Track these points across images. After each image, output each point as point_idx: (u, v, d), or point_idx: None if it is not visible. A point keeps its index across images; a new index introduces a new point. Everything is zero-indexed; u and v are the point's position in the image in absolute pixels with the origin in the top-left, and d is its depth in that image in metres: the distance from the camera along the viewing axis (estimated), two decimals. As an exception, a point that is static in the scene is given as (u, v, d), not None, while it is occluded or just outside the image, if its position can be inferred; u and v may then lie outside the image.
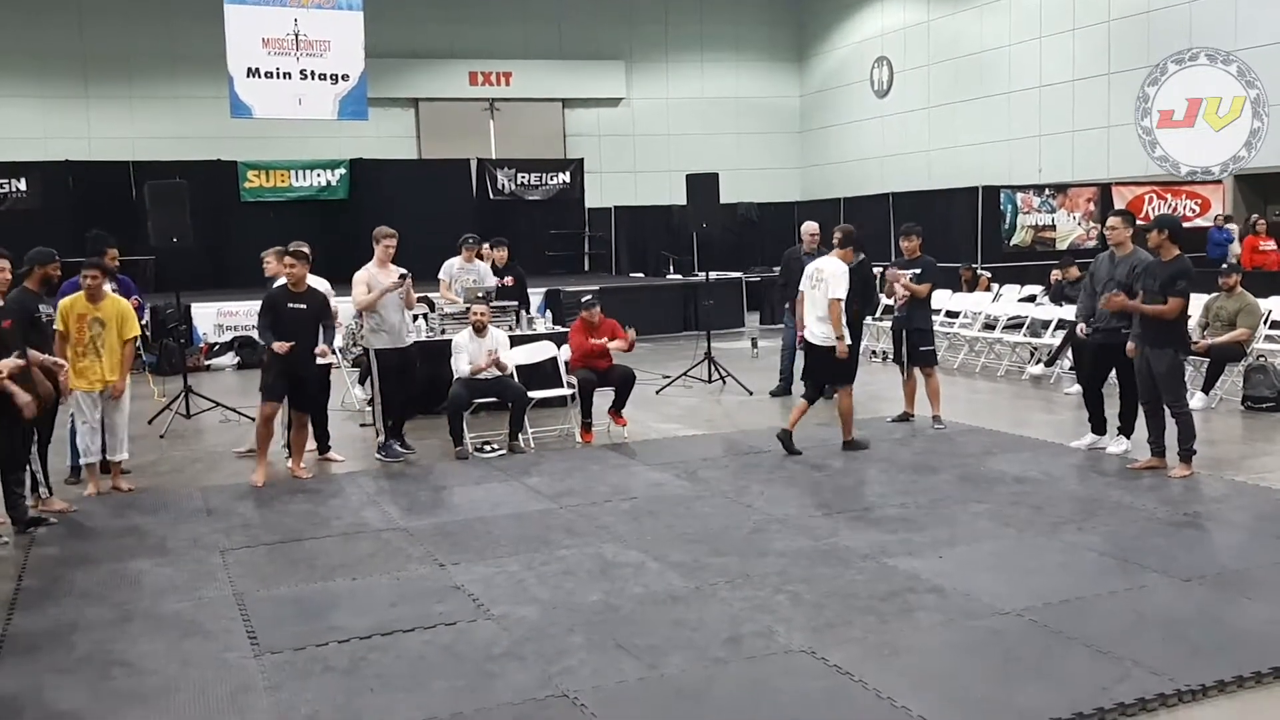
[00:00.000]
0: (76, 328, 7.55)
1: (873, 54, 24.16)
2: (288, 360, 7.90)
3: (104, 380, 7.63)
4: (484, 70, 23.88)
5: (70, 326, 7.54)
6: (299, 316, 8.04)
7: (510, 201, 21.38)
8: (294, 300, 8.09)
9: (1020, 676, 4.42)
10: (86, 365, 7.57)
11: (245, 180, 19.47)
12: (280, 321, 8.01)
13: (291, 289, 8.13)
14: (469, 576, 5.81)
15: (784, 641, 4.82)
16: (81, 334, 7.55)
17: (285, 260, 8.17)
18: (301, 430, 8.34)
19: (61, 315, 7.57)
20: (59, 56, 20.93)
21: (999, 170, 20.30)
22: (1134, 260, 7.87)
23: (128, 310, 7.85)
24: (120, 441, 7.89)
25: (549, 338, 10.36)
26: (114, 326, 7.66)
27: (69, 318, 7.57)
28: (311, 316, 8.10)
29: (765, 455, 8.60)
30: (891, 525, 6.57)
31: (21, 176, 18.13)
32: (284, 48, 17.45)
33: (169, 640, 5.03)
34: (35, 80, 20.83)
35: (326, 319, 8.23)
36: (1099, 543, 6.14)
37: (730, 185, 13.02)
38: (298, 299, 8.11)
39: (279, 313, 8.04)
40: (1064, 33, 19.61)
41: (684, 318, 17.85)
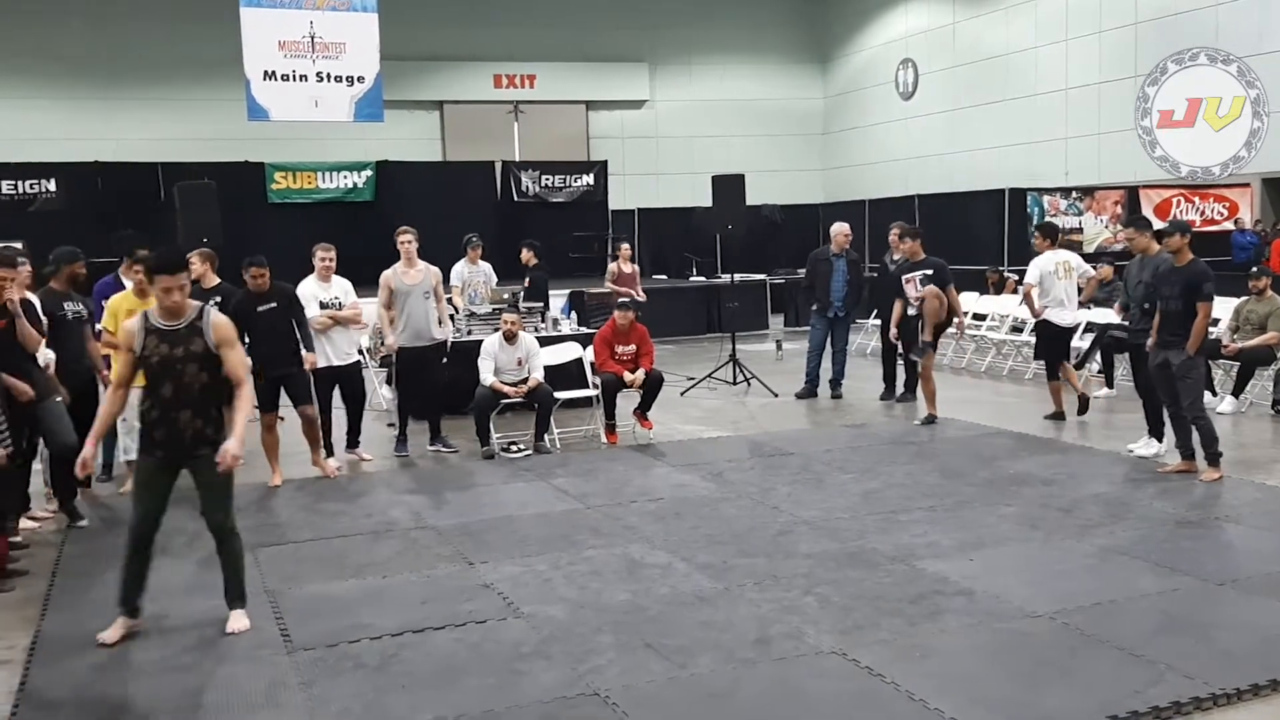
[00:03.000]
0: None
1: (897, 56, 24.09)
2: (268, 365, 7.81)
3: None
4: (508, 73, 23.94)
5: (118, 323, 7.63)
6: (271, 316, 7.94)
7: (534, 204, 21.41)
8: (263, 302, 7.98)
9: (1051, 679, 4.40)
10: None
11: (272, 182, 19.56)
12: (255, 328, 7.84)
13: (255, 293, 7.97)
14: (497, 575, 5.84)
15: (813, 643, 4.82)
16: None
17: (252, 271, 8.01)
18: (310, 426, 8.23)
19: (111, 312, 7.67)
20: (85, 59, 21.10)
21: (1024, 173, 20.20)
22: (1157, 262, 7.86)
23: None
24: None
25: (574, 338, 10.38)
26: None
27: (118, 314, 7.67)
28: (284, 312, 8.01)
29: (791, 457, 8.60)
30: (919, 528, 6.56)
31: (50, 177, 18.27)
32: (300, 50, 17.54)
33: (202, 637, 5.07)
34: (63, 82, 21.00)
35: (300, 314, 8.12)
36: (1128, 546, 6.11)
37: (753, 187, 13.00)
38: (265, 299, 7.98)
39: (251, 318, 7.80)
40: (1090, 35, 19.51)
41: (707, 320, 17.85)
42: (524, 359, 9.11)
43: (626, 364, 9.37)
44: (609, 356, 9.35)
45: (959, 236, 17.17)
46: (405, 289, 8.81)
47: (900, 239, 10.15)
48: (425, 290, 8.86)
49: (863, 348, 14.03)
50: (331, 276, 8.69)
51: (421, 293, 8.83)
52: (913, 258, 9.93)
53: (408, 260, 8.88)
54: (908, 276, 9.88)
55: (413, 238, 8.97)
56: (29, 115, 20.46)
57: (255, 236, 17.93)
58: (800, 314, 17.20)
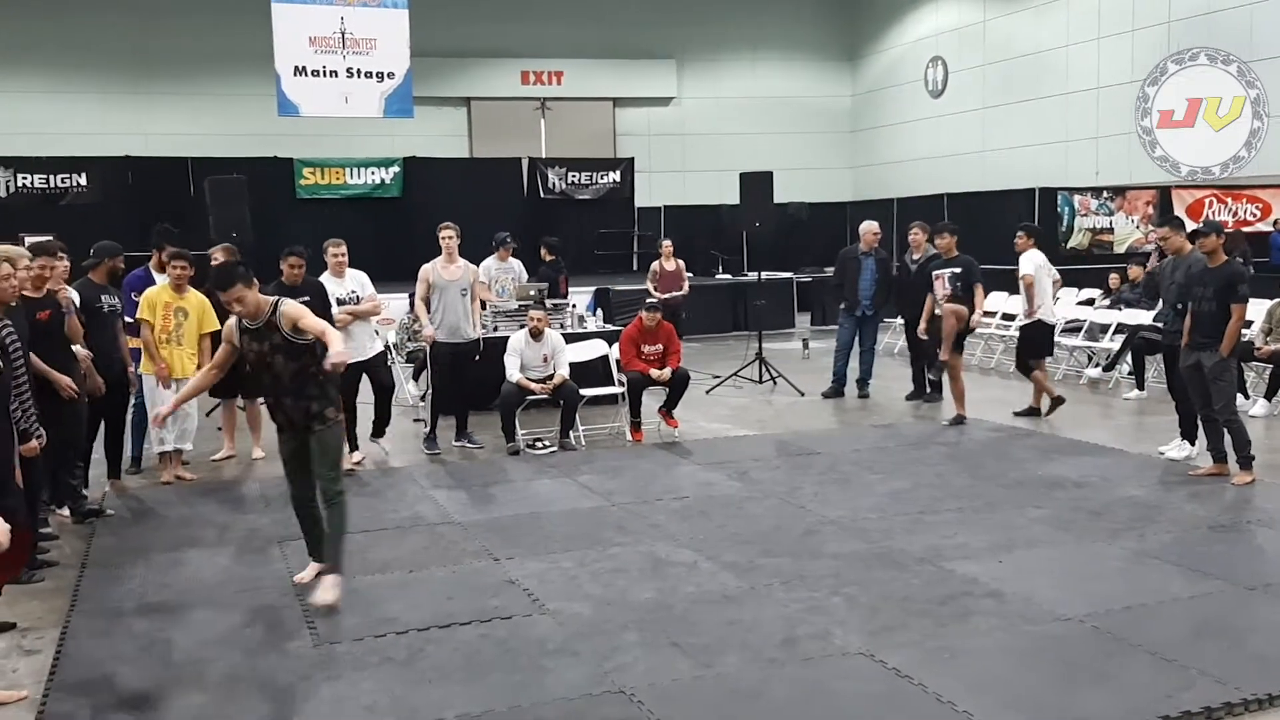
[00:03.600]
0: (162, 316, 7.74)
1: (927, 54, 23.94)
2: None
3: (183, 372, 7.76)
4: (535, 69, 23.96)
5: (156, 316, 7.72)
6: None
7: (560, 200, 21.43)
8: (295, 295, 7.98)
9: (1081, 683, 4.36)
10: (166, 354, 7.73)
11: (301, 177, 19.67)
12: None
13: (290, 285, 7.99)
14: (523, 571, 5.83)
15: (840, 644, 4.79)
16: (166, 322, 7.76)
17: (291, 260, 8.07)
18: None
19: (148, 304, 7.76)
20: (118, 53, 21.26)
21: (1054, 172, 20.03)
22: (1191, 262, 7.78)
23: (209, 306, 7.98)
24: (186, 433, 8.02)
25: (599, 336, 10.37)
26: (195, 318, 7.85)
27: (155, 306, 7.75)
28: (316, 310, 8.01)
29: (818, 456, 8.56)
30: (947, 529, 6.51)
31: (82, 171, 18.44)
32: (330, 46, 17.61)
33: (229, 630, 5.09)
34: (95, 77, 21.17)
35: (330, 314, 8.07)
36: (1160, 549, 6.05)
37: (780, 185, 12.94)
38: (299, 292, 7.90)
39: None
40: (1123, 33, 19.31)
41: (733, 318, 17.80)
42: (550, 356, 9.11)
43: (653, 362, 9.35)
44: (635, 355, 9.34)
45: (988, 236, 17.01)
46: (444, 284, 8.82)
47: (936, 235, 10.07)
48: (463, 287, 8.86)
49: (890, 347, 13.95)
50: (345, 271, 8.67)
51: (459, 289, 8.83)
52: (946, 254, 9.86)
53: (448, 255, 8.89)
54: (938, 273, 9.82)
55: (455, 234, 8.97)
56: (62, 109, 20.64)
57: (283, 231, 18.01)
58: (828, 312, 17.11)
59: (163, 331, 7.76)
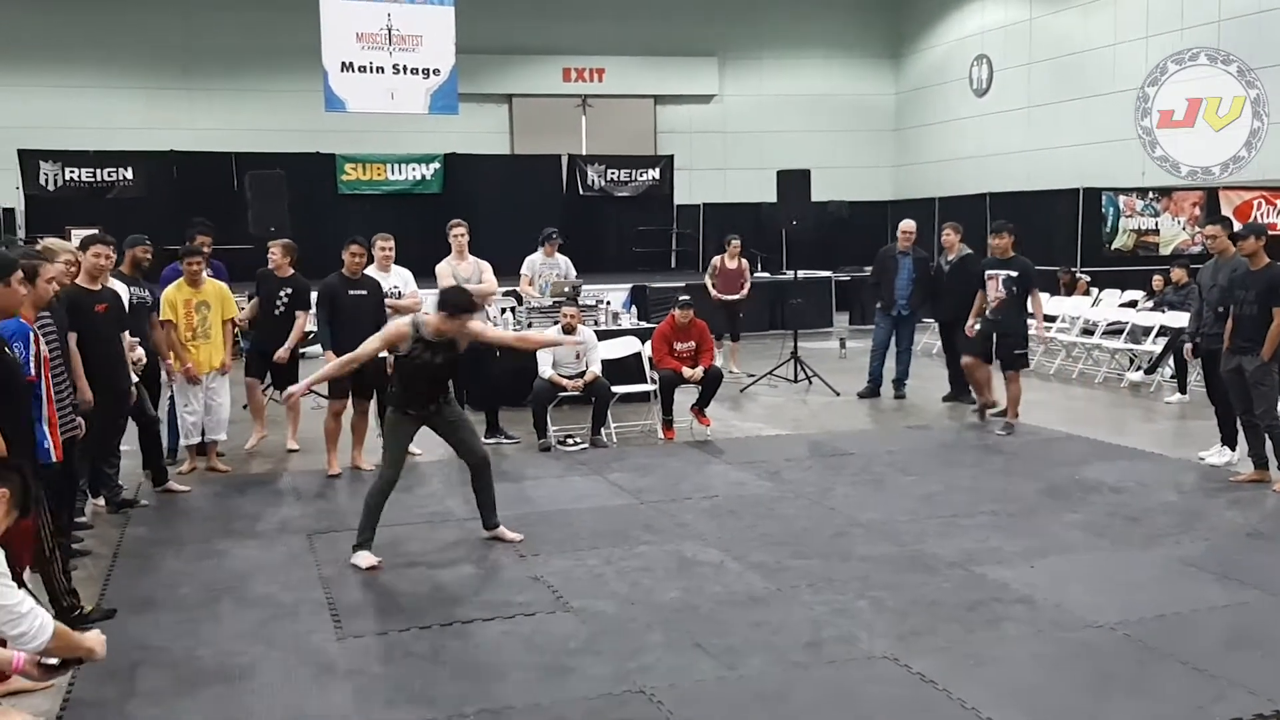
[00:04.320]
0: (185, 313, 7.79)
1: (972, 52, 23.67)
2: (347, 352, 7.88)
3: (211, 364, 7.84)
4: (577, 66, 23.95)
5: (178, 314, 7.78)
6: (360, 304, 8.04)
7: (599, 198, 21.44)
8: (354, 287, 8.11)
9: (1111, 692, 4.28)
10: (194, 350, 7.80)
11: (343, 173, 19.84)
12: (340, 310, 7.97)
13: (349, 276, 8.11)
14: (549, 569, 5.82)
15: (866, 648, 4.73)
16: (190, 319, 7.80)
17: (353, 249, 8.14)
18: (362, 420, 8.29)
19: (169, 304, 7.81)
20: (165, 50, 21.49)
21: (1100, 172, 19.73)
22: (1234, 265, 7.62)
23: (227, 292, 8.13)
24: (219, 423, 8.09)
25: (633, 333, 10.34)
26: (217, 308, 7.92)
27: (175, 305, 7.81)
28: (373, 304, 8.11)
29: (851, 457, 8.48)
30: (980, 533, 6.42)
31: (128, 166, 18.70)
32: (377, 42, 17.69)
33: (255, 621, 5.12)
34: (142, 73, 21.41)
35: (383, 311, 8.18)
36: (1197, 557, 5.93)
37: (822, 183, 12.84)
38: (357, 285, 8.12)
39: (340, 300, 7.98)
40: (1171, 32, 18.98)
41: (770, 316, 17.70)
42: (582, 353, 9.10)
43: (686, 360, 9.30)
44: (667, 353, 9.29)
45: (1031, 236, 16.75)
46: (462, 280, 8.84)
47: (993, 234, 9.84)
48: (476, 283, 8.91)
49: (929, 347, 13.81)
50: (391, 266, 8.76)
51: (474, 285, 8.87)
52: (1002, 255, 9.62)
53: (460, 253, 8.94)
54: (992, 274, 9.58)
55: (466, 230, 9.03)
56: (110, 105, 20.89)
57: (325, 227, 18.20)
58: (866, 312, 16.97)
59: (188, 329, 7.81)
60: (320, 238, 17.64)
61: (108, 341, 6.43)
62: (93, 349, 6.16)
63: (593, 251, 20.15)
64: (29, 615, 3.17)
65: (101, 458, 6.82)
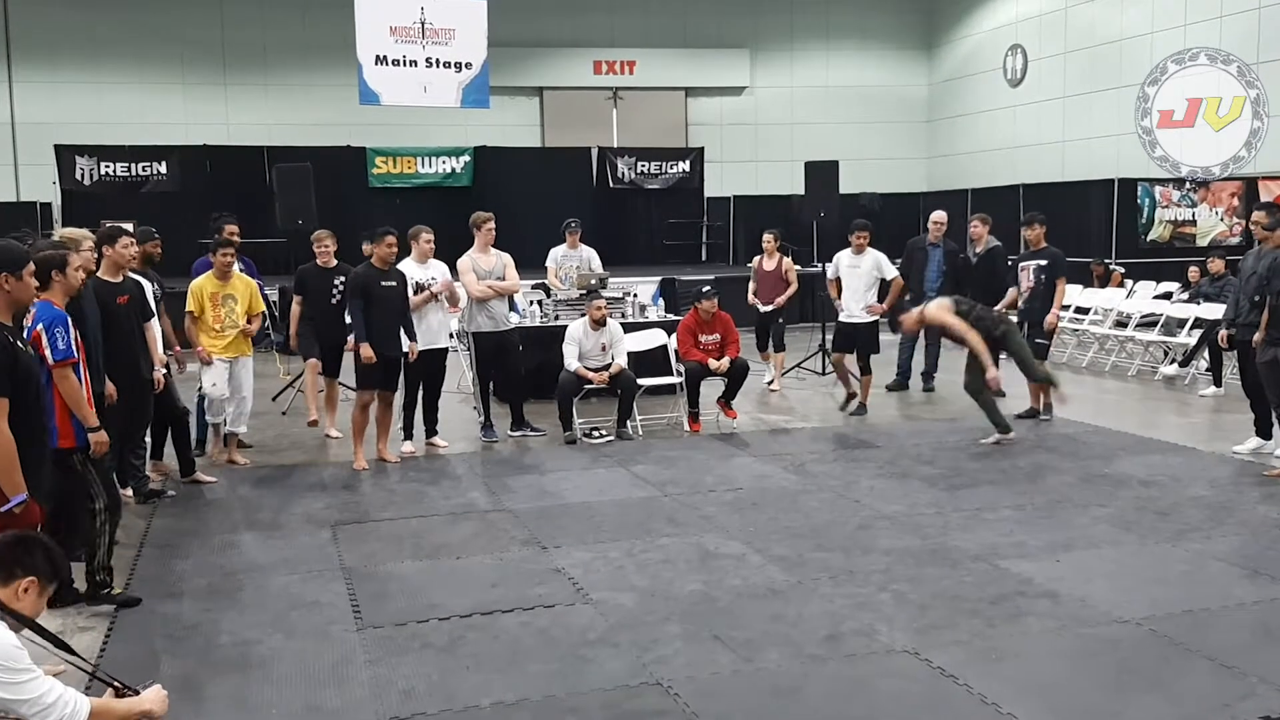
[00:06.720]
0: (211, 306, 7.84)
1: (1006, 42, 23.42)
2: (379, 343, 7.93)
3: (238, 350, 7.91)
4: (608, 59, 23.90)
5: (205, 307, 7.83)
6: (391, 296, 8.07)
7: (629, 190, 21.40)
8: (386, 279, 8.12)
9: (1135, 688, 4.21)
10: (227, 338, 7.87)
11: (373, 166, 19.91)
12: (373, 301, 7.98)
13: (381, 268, 8.11)
14: (569, 561, 5.81)
15: (885, 641, 4.69)
16: (216, 311, 7.85)
17: (386, 240, 8.15)
18: (387, 411, 8.30)
19: (194, 296, 7.86)
20: (200, 45, 21.66)
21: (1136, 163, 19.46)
22: (1275, 254, 7.49)
23: (255, 288, 8.17)
24: (242, 415, 8.13)
25: (659, 325, 10.31)
26: (244, 302, 7.98)
27: (202, 298, 7.86)
28: (400, 295, 8.14)
29: (877, 450, 8.42)
30: (1006, 526, 6.35)
31: (163, 160, 18.86)
32: (410, 36, 17.74)
33: (276, 611, 5.15)
34: (178, 68, 21.58)
35: (407, 302, 8.21)
36: (1227, 552, 5.84)
37: (854, 175, 12.74)
38: (389, 276, 8.12)
39: (372, 291, 7.99)
40: (1210, 20, 18.69)
41: (800, 309, 17.58)
42: (608, 345, 9.08)
43: (711, 352, 9.26)
44: (692, 345, 9.26)
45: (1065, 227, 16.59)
46: (483, 274, 8.86)
47: (1025, 225, 9.81)
48: (499, 276, 8.90)
49: (959, 340, 13.66)
50: (430, 259, 8.76)
51: (495, 279, 8.87)
52: (1035, 245, 9.59)
53: (484, 246, 8.93)
54: (1024, 265, 9.56)
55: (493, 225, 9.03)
56: (145, 100, 21.08)
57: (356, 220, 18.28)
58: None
59: (215, 322, 7.85)
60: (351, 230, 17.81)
61: (129, 333, 6.48)
62: (115, 341, 6.20)
63: (623, 244, 20.13)
64: (57, 704, 3.14)
65: (128, 448, 6.88)
